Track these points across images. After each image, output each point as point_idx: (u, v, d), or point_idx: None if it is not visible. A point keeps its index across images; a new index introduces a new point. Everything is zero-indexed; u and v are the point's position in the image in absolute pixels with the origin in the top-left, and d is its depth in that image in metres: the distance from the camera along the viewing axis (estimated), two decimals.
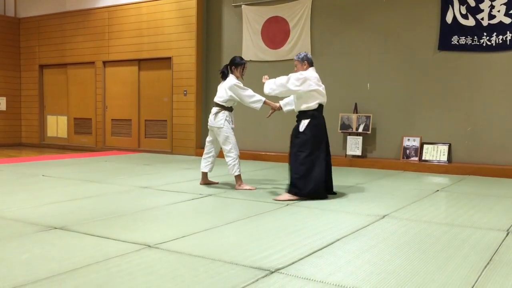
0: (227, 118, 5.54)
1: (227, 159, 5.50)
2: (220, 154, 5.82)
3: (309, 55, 5.23)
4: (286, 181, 6.23)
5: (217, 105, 5.61)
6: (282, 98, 5.58)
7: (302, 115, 5.07)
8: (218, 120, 5.52)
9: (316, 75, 5.15)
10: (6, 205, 4.44)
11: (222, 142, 5.52)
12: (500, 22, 7.20)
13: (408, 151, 7.87)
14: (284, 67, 9.05)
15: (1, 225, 3.65)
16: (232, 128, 5.58)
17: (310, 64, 5.18)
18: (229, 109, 5.63)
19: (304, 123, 4.99)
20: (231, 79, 5.58)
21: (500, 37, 7.21)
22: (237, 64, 5.64)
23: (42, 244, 3.14)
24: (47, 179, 6.22)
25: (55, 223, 3.70)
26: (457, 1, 7.47)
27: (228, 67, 5.69)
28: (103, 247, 3.07)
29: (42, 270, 2.61)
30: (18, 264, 2.74)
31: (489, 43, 7.29)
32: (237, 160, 5.51)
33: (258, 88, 9.40)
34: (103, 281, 2.46)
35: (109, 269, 2.65)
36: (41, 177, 6.40)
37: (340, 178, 6.69)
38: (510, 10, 7.14)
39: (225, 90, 5.57)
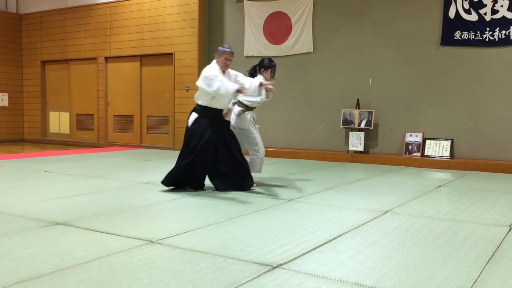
0: (251, 119, 5.46)
1: (253, 157, 5.45)
2: None
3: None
4: (289, 176, 6.24)
5: (241, 104, 5.45)
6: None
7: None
8: (243, 121, 5.40)
9: None
10: (9, 200, 4.45)
11: (250, 142, 5.45)
12: (503, 17, 7.17)
13: (410, 147, 7.87)
14: (286, 63, 9.05)
15: (5, 221, 3.67)
16: (257, 128, 5.52)
17: None
18: (252, 109, 5.54)
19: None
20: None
21: (503, 32, 7.18)
22: (266, 67, 5.52)
23: (45, 240, 3.15)
24: (50, 175, 6.24)
25: (58, 219, 3.71)
26: None
27: (257, 68, 5.58)
28: (106, 243, 3.07)
29: (45, 265, 2.62)
30: (22, 259, 2.75)
31: (492, 38, 7.27)
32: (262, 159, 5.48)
33: None
34: (106, 276, 2.47)
35: (111, 264, 2.66)
36: (43, 172, 6.41)
37: (342, 173, 6.69)
38: None
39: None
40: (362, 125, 8.14)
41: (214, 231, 3.44)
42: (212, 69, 4.96)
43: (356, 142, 8.18)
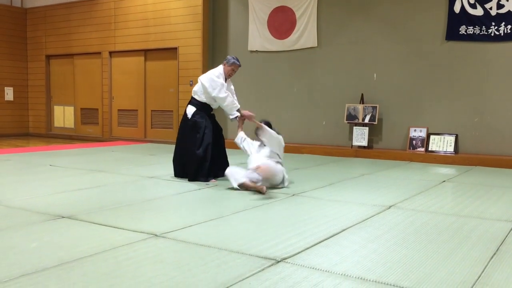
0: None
1: None
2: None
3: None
4: (293, 170, 6.24)
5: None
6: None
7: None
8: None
9: None
10: (14, 194, 4.47)
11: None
12: (509, 11, 7.13)
13: (414, 142, 7.85)
14: (290, 57, 9.04)
15: (10, 214, 3.69)
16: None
17: None
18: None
19: None
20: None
21: (509, 26, 7.14)
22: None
23: (50, 233, 3.17)
24: (55, 168, 6.26)
25: (63, 212, 3.73)
26: None
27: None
28: (111, 236, 3.09)
29: (50, 258, 2.64)
30: (27, 252, 2.77)
31: (497, 33, 7.23)
32: None
33: (263, 80, 9.37)
34: (111, 270, 2.48)
35: (116, 257, 2.67)
36: (48, 166, 6.44)
37: (346, 168, 6.69)
38: None
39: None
40: (366, 120, 8.12)
41: (218, 225, 3.45)
42: (220, 75, 5.30)
43: (360, 137, 8.17)
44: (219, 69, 5.36)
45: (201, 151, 5.23)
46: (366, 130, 8.14)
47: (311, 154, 8.44)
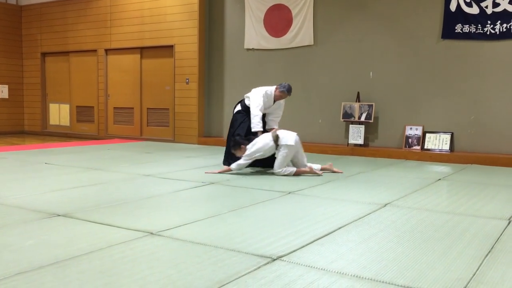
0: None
1: None
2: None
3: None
4: None
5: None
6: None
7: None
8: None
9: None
10: (10, 192, 4.46)
11: None
12: (505, 10, 7.15)
13: (410, 140, 7.87)
14: (286, 55, 9.04)
15: (5, 212, 3.68)
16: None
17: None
18: None
19: None
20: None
21: (504, 25, 7.16)
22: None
23: (46, 231, 3.17)
24: (50, 166, 6.24)
25: (59, 210, 3.73)
26: None
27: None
28: (107, 234, 3.09)
29: (46, 256, 2.64)
30: (23, 250, 2.76)
31: (493, 31, 7.25)
32: None
33: (260, 78, 9.38)
34: (107, 268, 2.48)
35: (112, 255, 2.67)
36: (44, 164, 6.42)
37: (342, 167, 6.69)
38: None
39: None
40: (362, 118, 8.14)
41: (215, 223, 3.45)
42: (267, 96, 6.13)
43: (356, 135, 8.18)
44: (271, 89, 6.16)
45: (230, 140, 6.03)
46: (362, 128, 8.15)
47: (307, 152, 8.38)
